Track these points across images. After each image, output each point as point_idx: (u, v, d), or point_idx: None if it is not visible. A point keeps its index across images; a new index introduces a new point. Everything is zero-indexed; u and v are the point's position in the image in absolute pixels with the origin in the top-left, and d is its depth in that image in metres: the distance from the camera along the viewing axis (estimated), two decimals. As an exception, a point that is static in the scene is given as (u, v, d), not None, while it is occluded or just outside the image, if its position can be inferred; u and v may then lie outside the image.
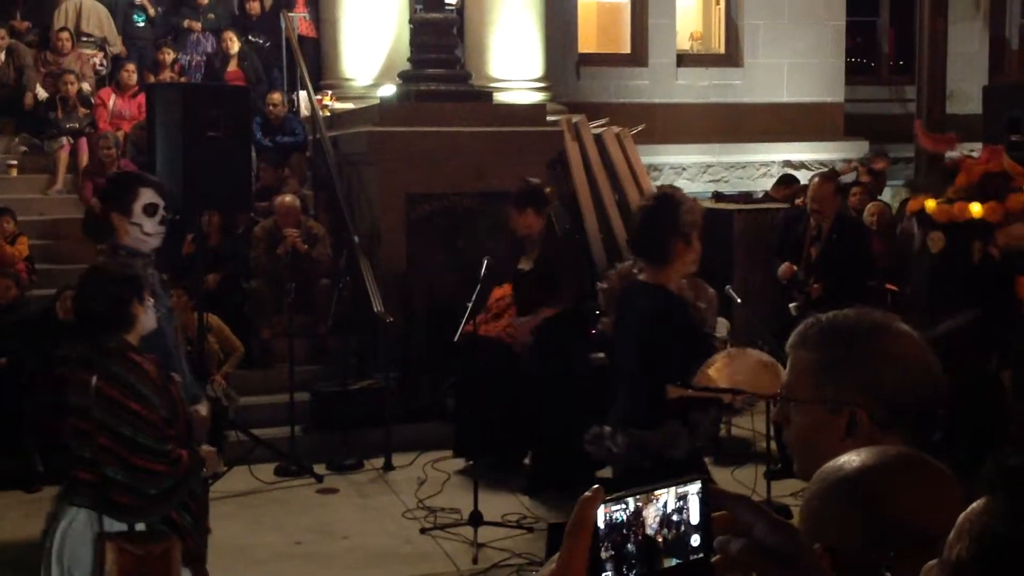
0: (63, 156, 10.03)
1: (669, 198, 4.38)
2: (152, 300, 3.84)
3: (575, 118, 10.43)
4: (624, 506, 1.08)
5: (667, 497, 1.11)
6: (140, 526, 3.60)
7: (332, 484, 7.29)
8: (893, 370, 1.79)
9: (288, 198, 8.91)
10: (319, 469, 7.43)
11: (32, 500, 6.86)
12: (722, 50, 13.52)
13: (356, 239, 8.75)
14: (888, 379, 1.78)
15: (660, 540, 1.10)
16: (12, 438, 7.30)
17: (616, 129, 10.52)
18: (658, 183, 12.09)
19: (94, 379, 3.56)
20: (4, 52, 10.43)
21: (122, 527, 3.59)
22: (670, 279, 4.25)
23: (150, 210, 4.38)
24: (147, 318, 3.79)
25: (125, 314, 3.71)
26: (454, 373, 7.82)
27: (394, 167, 8.73)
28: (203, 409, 4.32)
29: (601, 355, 7.07)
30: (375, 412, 7.80)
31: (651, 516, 1.10)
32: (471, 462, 7.15)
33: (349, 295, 8.47)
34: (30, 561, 5.90)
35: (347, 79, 11.15)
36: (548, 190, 7.23)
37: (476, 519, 6.07)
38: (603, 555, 1.07)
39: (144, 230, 4.36)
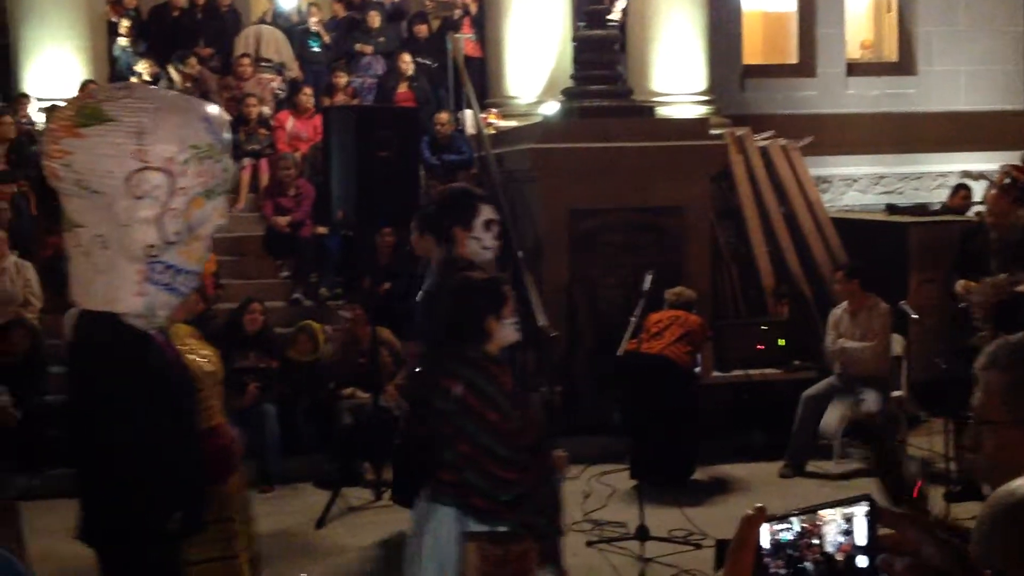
0: (245, 176, 10.51)
1: None
2: (513, 315, 3.94)
3: (740, 131, 10.31)
4: (788, 526, 1.10)
5: (834, 518, 1.12)
6: (500, 527, 3.76)
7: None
8: None
9: (455, 215, 9.10)
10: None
11: (264, 500, 7.16)
12: (894, 58, 13.14)
13: (520, 254, 8.87)
14: None
15: (840, 559, 1.11)
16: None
17: (782, 141, 10.34)
18: (827, 195, 11.83)
19: (458, 388, 3.74)
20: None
21: (484, 527, 3.75)
22: None
23: (489, 225, 4.69)
24: (504, 332, 3.90)
25: (478, 328, 3.84)
26: (618, 388, 7.85)
27: (557, 183, 8.82)
28: None
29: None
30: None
31: (831, 534, 1.11)
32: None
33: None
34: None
35: (511, 97, 11.33)
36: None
37: (643, 533, 6.07)
38: (777, 572, 1.09)
39: (483, 244, 4.69)
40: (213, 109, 3.18)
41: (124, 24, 11.55)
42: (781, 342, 8.52)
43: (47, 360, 8.08)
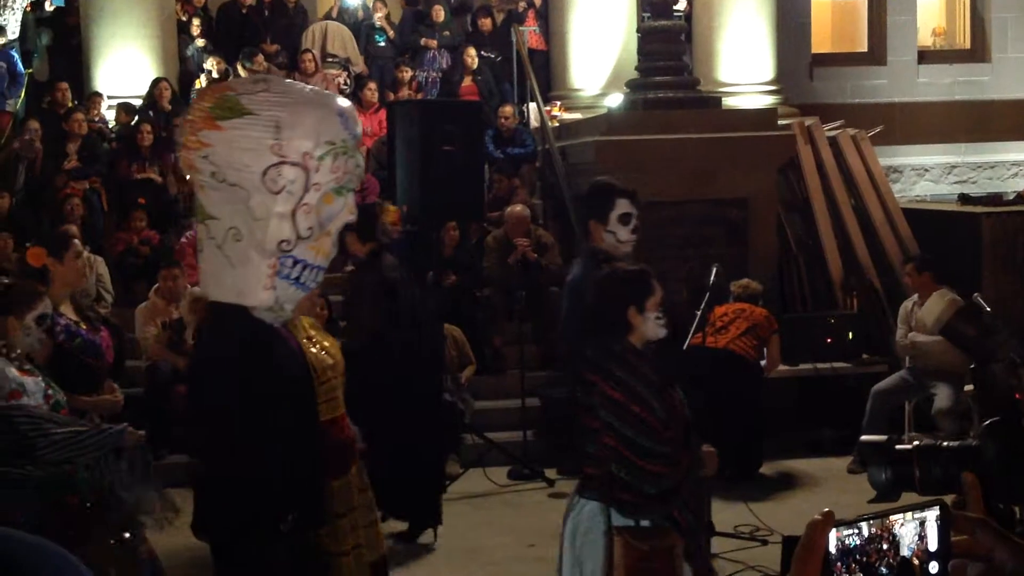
0: (311, 171, 10.61)
1: None
2: (658, 309, 3.87)
3: (808, 121, 10.16)
4: (856, 531, 1.08)
5: (905, 522, 1.09)
6: (645, 522, 3.74)
7: (563, 488, 7.39)
8: None
9: (519, 208, 9.11)
10: (550, 473, 7.55)
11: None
12: (967, 45, 12.86)
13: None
14: None
15: (916, 563, 1.09)
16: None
17: (852, 131, 10.18)
18: (898, 186, 11.62)
19: (600, 381, 3.73)
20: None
21: (629, 521, 3.73)
22: None
23: (624, 219, 4.67)
24: (648, 326, 3.83)
25: (619, 319, 3.80)
26: (683, 383, 7.78)
27: (622, 176, 8.74)
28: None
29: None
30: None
31: (908, 536, 1.09)
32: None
33: (579, 303, 8.58)
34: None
35: (575, 90, 11.30)
36: (388, 219, 6.47)
37: (708, 529, 6.01)
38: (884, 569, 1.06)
39: (618, 237, 4.67)
40: (345, 103, 3.19)
41: (195, 24, 11.72)
42: (850, 335, 8.39)
43: (124, 355, 8.23)
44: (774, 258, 8.94)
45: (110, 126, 10.65)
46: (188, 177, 3.16)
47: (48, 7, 12.62)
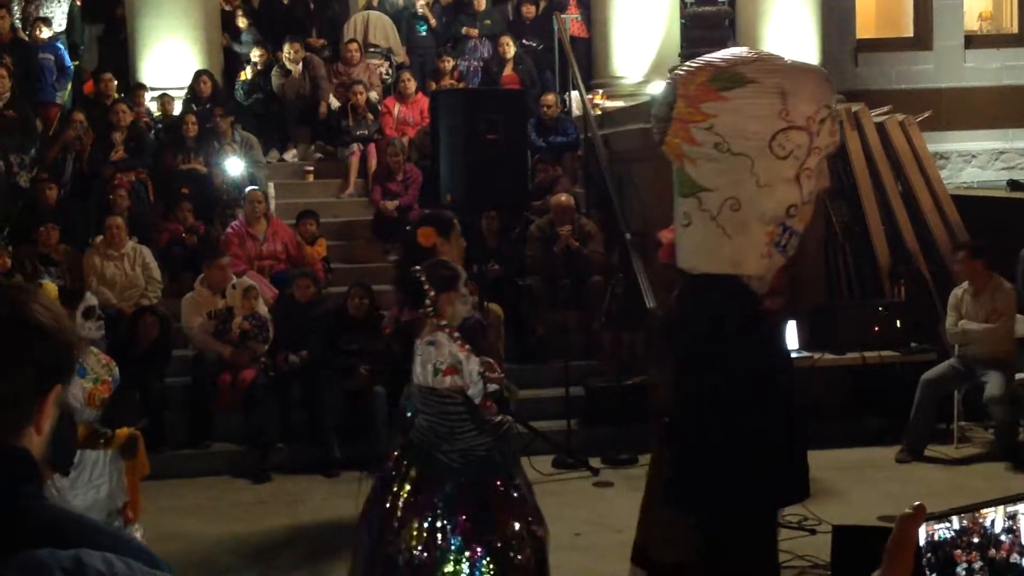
0: (354, 162, 10.64)
1: None
2: None
3: (855, 107, 10.02)
4: (947, 524, 1.06)
5: (995, 516, 1.07)
6: None
7: (607, 478, 7.39)
8: None
9: (564, 197, 9.08)
10: (594, 462, 7.54)
11: (331, 483, 7.36)
12: (1015, 30, 12.67)
13: (628, 236, 8.80)
14: None
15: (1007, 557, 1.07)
16: (314, 426, 7.85)
17: (900, 117, 10.03)
18: (944, 172, 11.46)
19: None
20: (300, 65, 11.17)
21: None
22: None
23: None
24: None
25: None
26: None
27: (665, 164, 8.61)
28: None
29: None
30: (647, 408, 7.84)
31: (1000, 530, 1.08)
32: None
33: (622, 292, 8.53)
34: (331, 540, 6.35)
35: (617, 77, 11.22)
36: None
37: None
38: (971, 567, 1.05)
39: None
40: (823, 70, 3.21)
41: (240, 15, 11.78)
42: (898, 324, 8.29)
43: (172, 344, 8.30)
44: (820, 245, 8.85)
45: (156, 117, 10.72)
46: (673, 151, 3.13)
47: (94, -1, 12.72)
